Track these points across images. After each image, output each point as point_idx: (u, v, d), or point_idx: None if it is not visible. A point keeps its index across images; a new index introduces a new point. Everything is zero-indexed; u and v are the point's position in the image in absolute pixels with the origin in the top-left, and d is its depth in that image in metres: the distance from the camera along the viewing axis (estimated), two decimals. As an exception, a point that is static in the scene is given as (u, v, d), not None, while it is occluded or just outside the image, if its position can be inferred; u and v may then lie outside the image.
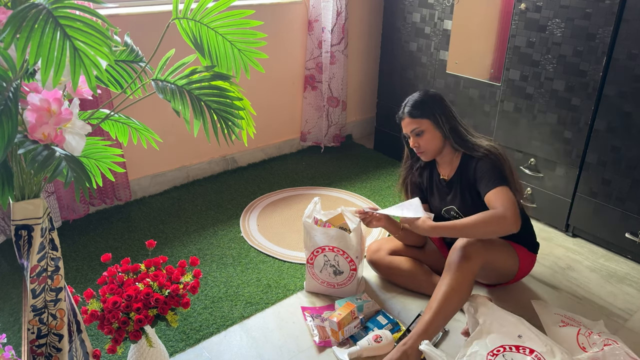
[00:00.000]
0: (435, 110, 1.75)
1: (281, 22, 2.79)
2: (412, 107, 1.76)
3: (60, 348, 1.16)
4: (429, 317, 1.57)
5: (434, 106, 1.75)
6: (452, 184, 1.82)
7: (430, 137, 1.76)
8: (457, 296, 1.61)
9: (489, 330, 1.56)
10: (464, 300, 1.64)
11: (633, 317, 1.84)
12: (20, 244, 1.07)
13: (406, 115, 1.77)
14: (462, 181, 1.78)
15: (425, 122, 1.75)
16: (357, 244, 1.81)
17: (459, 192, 1.79)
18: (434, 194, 1.89)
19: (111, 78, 1.25)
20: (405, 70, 2.85)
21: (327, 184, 2.77)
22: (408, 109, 1.77)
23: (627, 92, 1.97)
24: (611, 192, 2.11)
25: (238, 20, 1.21)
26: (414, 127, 1.76)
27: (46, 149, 0.94)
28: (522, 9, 2.21)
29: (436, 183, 1.88)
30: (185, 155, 2.70)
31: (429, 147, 1.78)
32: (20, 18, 0.85)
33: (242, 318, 1.80)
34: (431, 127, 1.75)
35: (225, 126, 1.20)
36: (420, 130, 1.75)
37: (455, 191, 1.80)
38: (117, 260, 1.98)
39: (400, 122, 1.80)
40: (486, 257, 1.70)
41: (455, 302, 1.60)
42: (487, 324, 1.58)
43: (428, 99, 1.77)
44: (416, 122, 1.75)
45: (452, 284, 1.60)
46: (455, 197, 1.80)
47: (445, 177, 1.84)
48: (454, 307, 1.61)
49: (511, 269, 1.83)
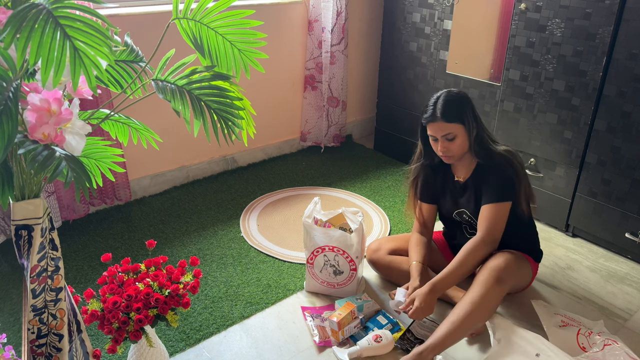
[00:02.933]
0: (468, 114, 1.68)
1: (281, 22, 2.79)
2: (446, 110, 1.66)
3: (60, 348, 1.16)
4: (449, 330, 1.55)
5: (467, 110, 1.68)
6: (466, 187, 1.79)
7: (461, 142, 1.69)
8: (482, 315, 1.59)
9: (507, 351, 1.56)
10: (488, 317, 1.63)
11: (633, 317, 1.84)
12: (20, 244, 1.07)
13: (440, 119, 1.66)
14: (476, 186, 1.76)
15: (459, 127, 1.67)
16: (357, 243, 1.81)
17: (473, 196, 1.77)
18: (446, 196, 1.86)
19: (111, 78, 1.25)
20: (405, 70, 2.85)
21: (327, 184, 2.77)
22: (442, 112, 1.66)
23: (627, 92, 1.97)
24: (611, 192, 2.11)
25: (238, 20, 1.21)
26: (447, 132, 1.67)
27: (46, 149, 0.94)
28: (522, 9, 2.21)
29: (450, 184, 1.84)
30: (185, 155, 2.70)
31: (458, 151, 1.71)
32: (20, 18, 0.85)
33: (242, 318, 1.80)
34: (463, 132, 1.68)
35: (225, 126, 1.20)
36: (454, 136, 1.67)
37: (469, 194, 1.78)
38: (117, 260, 1.98)
39: (428, 124, 1.71)
40: (517, 279, 1.72)
41: (478, 320, 1.59)
42: (505, 344, 1.58)
43: (461, 101, 1.69)
44: (450, 127, 1.66)
45: (480, 303, 1.57)
46: (469, 200, 1.78)
47: (460, 179, 1.81)
48: (476, 325, 1.61)
49: (526, 282, 1.86)
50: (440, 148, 1.71)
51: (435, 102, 1.70)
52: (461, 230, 1.89)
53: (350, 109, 3.35)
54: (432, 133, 1.71)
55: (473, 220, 1.80)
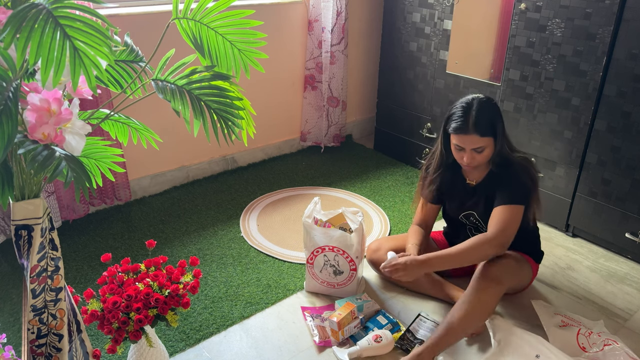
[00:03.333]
0: (499, 127, 1.63)
1: (281, 22, 2.79)
2: (480, 123, 1.59)
3: (60, 348, 1.16)
4: (448, 331, 1.55)
5: (498, 122, 1.63)
6: (476, 190, 1.78)
7: (488, 153, 1.65)
8: (480, 316, 1.59)
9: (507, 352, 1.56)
10: (485, 320, 1.63)
11: (633, 317, 1.84)
12: (20, 244, 1.07)
13: (473, 132, 1.59)
14: (488, 189, 1.74)
15: (490, 140, 1.62)
16: (357, 243, 1.81)
17: (484, 199, 1.75)
18: (454, 198, 1.84)
19: (111, 78, 1.25)
20: (405, 70, 2.85)
21: (327, 184, 2.77)
22: (475, 125, 1.59)
23: (627, 92, 1.97)
24: (611, 192, 2.11)
25: (238, 20, 1.21)
26: (478, 145, 1.61)
27: (46, 149, 0.94)
28: (522, 9, 2.21)
29: (460, 186, 1.82)
30: (185, 155, 2.70)
31: (483, 162, 1.67)
32: (20, 18, 0.85)
33: (242, 318, 1.80)
34: (493, 144, 1.64)
35: (225, 126, 1.20)
36: (483, 149, 1.63)
37: (479, 197, 1.77)
38: (117, 260, 1.98)
39: (455, 134, 1.64)
40: (516, 280, 1.72)
41: (476, 321, 1.59)
42: (505, 345, 1.58)
43: (494, 113, 1.63)
44: (482, 141, 1.61)
45: (478, 304, 1.57)
46: (479, 203, 1.77)
47: (471, 182, 1.79)
48: (474, 325, 1.61)
49: (526, 283, 1.86)
50: (467, 159, 1.65)
51: (466, 111, 1.62)
52: (465, 232, 1.89)
53: (350, 109, 3.35)
54: (460, 144, 1.64)
55: (481, 223, 1.80)
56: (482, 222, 1.80)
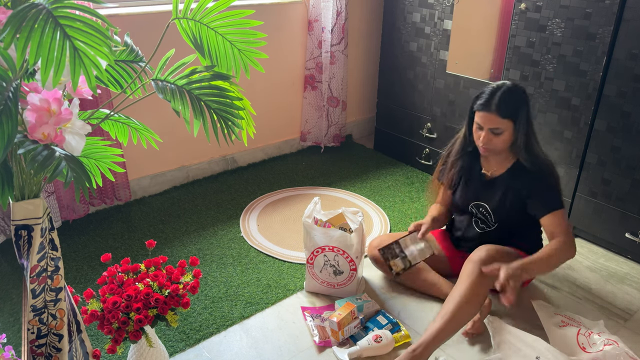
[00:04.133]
0: (522, 113, 1.64)
1: (281, 22, 2.79)
2: (502, 104, 1.62)
3: (60, 348, 1.16)
4: (441, 325, 1.55)
5: (522, 108, 1.65)
6: (494, 183, 1.78)
7: (506, 138, 1.67)
8: (471, 307, 1.59)
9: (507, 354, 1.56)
10: (477, 310, 1.63)
11: (633, 317, 1.84)
12: (20, 244, 1.07)
13: (494, 112, 1.63)
14: (508, 185, 1.74)
15: (510, 124, 1.64)
16: (357, 243, 1.81)
17: (501, 194, 1.76)
18: (467, 186, 1.85)
19: (111, 78, 1.25)
20: (405, 70, 2.85)
21: (327, 184, 2.77)
22: (497, 105, 1.63)
23: (627, 92, 1.97)
24: (611, 192, 2.11)
25: (238, 20, 1.21)
26: (497, 126, 1.64)
27: (46, 149, 0.94)
28: (522, 9, 2.21)
29: (475, 175, 1.83)
30: (185, 155, 2.70)
31: (498, 146, 1.69)
32: (20, 18, 0.85)
33: (242, 318, 1.80)
34: (512, 129, 1.66)
35: (225, 126, 1.20)
36: (502, 131, 1.65)
37: (495, 191, 1.77)
38: (117, 260, 1.98)
39: (478, 111, 1.67)
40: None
41: (468, 312, 1.59)
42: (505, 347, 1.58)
43: (520, 99, 1.65)
44: (501, 122, 1.64)
45: (467, 294, 1.58)
46: (493, 196, 1.78)
47: (487, 173, 1.80)
48: (467, 317, 1.60)
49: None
50: (483, 139, 1.68)
51: (494, 91, 1.65)
52: (471, 223, 1.89)
53: (350, 109, 3.35)
54: (480, 122, 1.67)
55: (489, 216, 1.80)
56: (491, 215, 1.80)
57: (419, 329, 1.76)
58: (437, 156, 2.82)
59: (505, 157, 1.76)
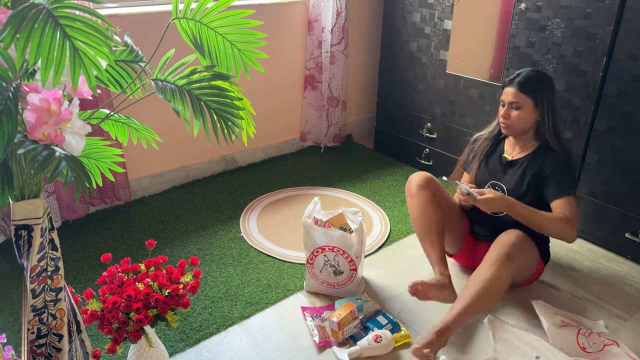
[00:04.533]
0: (543, 93, 1.74)
1: (281, 22, 2.79)
2: (524, 80, 1.74)
3: (60, 348, 1.16)
4: (463, 308, 1.57)
5: (544, 89, 1.75)
6: (514, 165, 1.83)
7: (524, 116, 1.75)
8: (495, 293, 1.61)
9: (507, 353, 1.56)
10: (499, 297, 1.64)
11: (633, 317, 1.84)
12: (20, 244, 1.07)
13: (515, 86, 1.75)
14: (528, 168, 1.80)
15: (528, 101, 1.74)
16: (357, 243, 1.81)
17: (520, 175, 1.81)
18: (487, 167, 1.91)
19: (111, 78, 1.25)
20: (405, 70, 2.85)
21: (327, 184, 2.77)
22: (519, 80, 1.75)
23: (627, 92, 1.97)
24: (611, 192, 2.11)
25: (238, 20, 1.21)
26: (515, 100, 1.74)
27: (46, 149, 0.94)
28: (522, 9, 2.21)
29: (495, 157, 1.90)
30: (185, 155, 2.70)
31: (517, 124, 1.77)
32: (20, 18, 0.85)
33: (242, 318, 1.80)
34: (531, 107, 1.75)
35: (225, 126, 1.20)
36: (519, 106, 1.75)
37: (514, 173, 1.82)
38: (117, 260, 1.98)
39: (504, 88, 1.79)
40: (525, 259, 1.72)
41: (491, 298, 1.61)
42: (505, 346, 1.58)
43: (542, 79, 1.76)
44: (520, 97, 1.74)
45: (492, 280, 1.60)
46: (512, 178, 1.82)
47: (508, 155, 1.86)
48: (489, 303, 1.62)
49: (529, 274, 1.86)
50: (503, 113, 1.78)
51: (521, 71, 1.77)
52: None
53: (350, 109, 3.35)
54: (503, 97, 1.79)
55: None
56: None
57: (419, 329, 1.76)
58: (437, 156, 2.82)
59: (527, 141, 1.83)
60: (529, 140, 1.83)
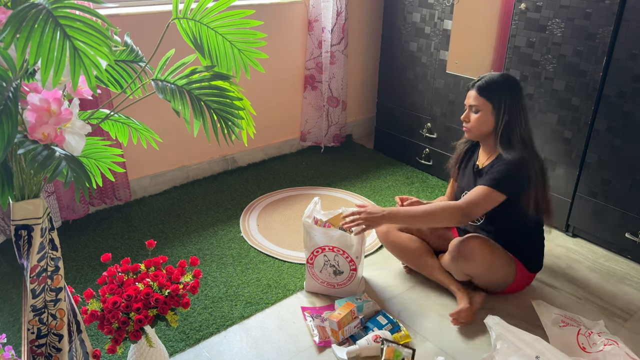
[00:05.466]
0: (503, 99, 1.71)
1: (281, 22, 2.79)
2: (484, 84, 1.73)
3: (60, 348, 1.16)
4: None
5: (504, 95, 1.71)
6: (482, 173, 1.82)
7: (482, 120, 1.74)
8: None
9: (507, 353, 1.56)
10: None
11: (633, 317, 1.84)
12: (20, 244, 1.07)
13: (474, 89, 1.75)
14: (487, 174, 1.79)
15: (487, 105, 1.73)
16: (357, 244, 1.80)
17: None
18: (464, 175, 1.92)
19: (111, 78, 1.25)
20: (405, 70, 2.85)
21: (327, 184, 2.77)
22: (479, 84, 1.74)
23: (627, 92, 1.97)
24: (611, 192, 2.11)
25: (238, 20, 1.21)
26: (474, 103, 1.74)
27: (46, 149, 0.94)
28: (522, 9, 2.21)
29: (470, 165, 1.90)
30: (185, 155, 2.70)
31: (476, 128, 1.77)
32: (20, 18, 0.85)
33: (242, 318, 1.80)
34: (489, 112, 1.73)
35: (225, 126, 1.20)
36: (477, 109, 1.74)
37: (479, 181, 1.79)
38: (117, 260, 1.98)
39: (468, 91, 1.79)
40: (483, 267, 1.74)
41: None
42: (505, 346, 1.58)
43: (503, 85, 1.73)
44: (478, 100, 1.73)
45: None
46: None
47: (479, 163, 1.85)
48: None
49: (503, 281, 1.84)
50: (463, 116, 1.80)
51: (485, 75, 1.77)
52: None
53: (350, 109, 3.35)
54: (465, 101, 1.79)
55: None
56: None
57: (419, 329, 1.76)
58: (437, 156, 2.82)
59: (491, 148, 1.80)
60: (492, 145, 1.79)
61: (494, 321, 1.69)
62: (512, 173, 1.67)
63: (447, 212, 1.68)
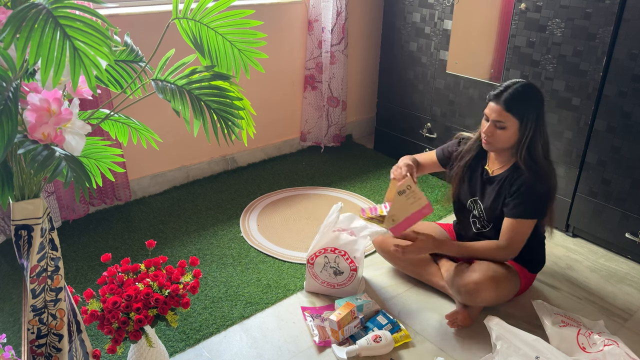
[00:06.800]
0: (530, 115, 1.62)
1: (281, 22, 2.79)
2: (512, 98, 1.61)
3: (60, 348, 1.16)
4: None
5: (532, 110, 1.62)
6: (492, 181, 1.76)
7: (508, 136, 1.65)
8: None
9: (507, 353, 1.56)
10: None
11: (633, 317, 1.84)
12: (20, 244, 1.07)
13: (501, 104, 1.62)
14: (503, 188, 1.73)
15: (514, 122, 1.63)
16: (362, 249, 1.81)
17: (496, 194, 1.75)
18: (469, 183, 1.84)
19: (111, 78, 1.25)
20: (405, 70, 2.85)
21: (327, 184, 2.77)
22: (506, 98, 1.61)
23: (627, 92, 1.97)
24: (611, 192, 2.11)
25: (238, 20, 1.21)
26: (500, 119, 1.63)
27: (46, 149, 0.94)
28: (522, 9, 2.21)
29: (477, 172, 1.82)
30: (185, 155, 2.70)
31: (499, 142, 1.67)
32: (20, 18, 0.85)
33: (242, 318, 1.80)
34: (516, 128, 1.64)
35: (225, 126, 1.20)
36: (504, 126, 1.63)
37: (492, 191, 1.76)
38: (117, 260, 1.98)
39: (489, 102, 1.66)
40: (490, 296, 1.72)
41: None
42: (505, 347, 1.58)
43: (532, 99, 1.63)
44: (506, 117, 1.62)
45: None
46: (490, 197, 1.77)
47: (489, 169, 1.79)
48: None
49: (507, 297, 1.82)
50: (486, 130, 1.67)
51: (509, 85, 1.64)
52: (469, 222, 1.88)
53: (350, 109, 3.35)
54: (487, 112, 1.67)
55: (483, 215, 1.80)
56: (484, 215, 1.80)
57: (419, 329, 1.76)
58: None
59: (508, 157, 1.74)
60: (508, 155, 1.73)
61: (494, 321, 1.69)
62: (542, 198, 1.68)
63: (494, 253, 1.73)
